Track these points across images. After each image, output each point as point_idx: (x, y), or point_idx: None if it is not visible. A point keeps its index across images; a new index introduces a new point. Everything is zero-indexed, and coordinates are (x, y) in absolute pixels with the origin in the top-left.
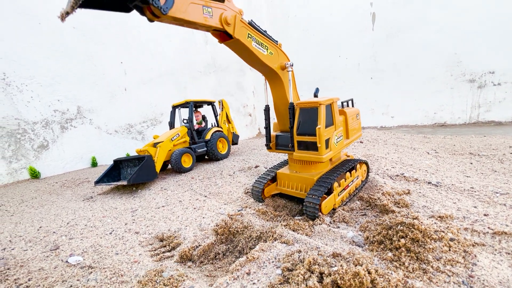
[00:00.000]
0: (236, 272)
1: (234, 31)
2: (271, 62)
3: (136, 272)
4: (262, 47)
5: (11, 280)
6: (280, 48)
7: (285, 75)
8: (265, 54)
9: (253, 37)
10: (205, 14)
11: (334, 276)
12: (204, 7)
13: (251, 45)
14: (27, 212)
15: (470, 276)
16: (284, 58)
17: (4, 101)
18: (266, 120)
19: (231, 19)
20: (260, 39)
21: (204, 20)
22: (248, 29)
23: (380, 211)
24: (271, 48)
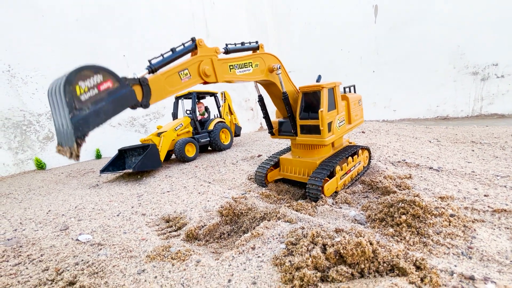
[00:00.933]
0: (242, 247)
1: (216, 78)
2: (260, 74)
3: (144, 248)
4: (247, 67)
5: (24, 256)
6: (263, 51)
7: (275, 77)
8: (251, 71)
9: (234, 65)
10: (183, 79)
11: (337, 246)
12: (180, 72)
13: (236, 75)
14: (35, 199)
15: (469, 248)
16: (270, 59)
17: (10, 92)
18: (262, 110)
19: (209, 70)
20: (241, 61)
21: (186, 84)
22: (227, 61)
23: (382, 193)
24: (255, 60)
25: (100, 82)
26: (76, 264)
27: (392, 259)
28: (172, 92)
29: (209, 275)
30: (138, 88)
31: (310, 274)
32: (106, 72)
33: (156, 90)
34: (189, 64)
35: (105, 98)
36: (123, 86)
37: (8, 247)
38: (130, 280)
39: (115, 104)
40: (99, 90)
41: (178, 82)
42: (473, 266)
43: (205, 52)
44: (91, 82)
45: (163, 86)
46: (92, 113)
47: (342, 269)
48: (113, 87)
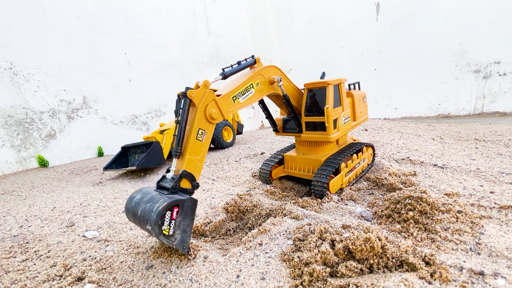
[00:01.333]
0: (249, 243)
1: (223, 115)
2: (262, 91)
3: (151, 244)
4: (249, 90)
5: (31, 252)
6: (261, 65)
7: (277, 89)
8: (254, 92)
9: (237, 94)
10: (198, 137)
11: (346, 242)
12: (198, 136)
13: (240, 103)
14: (39, 196)
15: (477, 244)
16: (269, 71)
17: (12, 90)
18: (264, 111)
19: (215, 113)
20: (243, 87)
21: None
22: (229, 95)
23: (387, 190)
24: (255, 80)
25: (171, 215)
26: (83, 260)
27: (401, 255)
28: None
29: (217, 270)
30: (186, 182)
31: (320, 270)
32: (170, 205)
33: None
34: (195, 126)
35: (181, 219)
36: (185, 202)
37: (15, 243)
38: (139, 275)
39: (188, 216)
40: (175, 219)
41: (199, 147)
42: (482, 262)
43: (208, 97)
44: (167, 220)
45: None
46: (182, 233)
47: (351, 264)
48: (181, 208)
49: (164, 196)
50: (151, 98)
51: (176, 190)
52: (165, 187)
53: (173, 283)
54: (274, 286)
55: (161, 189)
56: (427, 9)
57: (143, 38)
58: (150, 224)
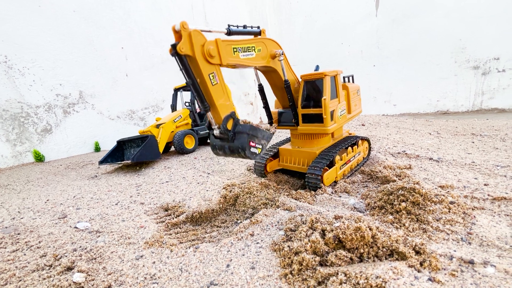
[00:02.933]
0: (240, 233)
1: (220, 59)
2: (262, 59)
3: (143, 235)
4: (250, 51)
5: (22, 243)
6: (265, 36)
7: (277, 64)
8: (254, 56)
9: (238, 48)
10: (213, 82)
11: (336, 231)
12: (212, 81)
13: (239, 58)
14: (34, 190)
15: (468, 233)
16: (272, 45)
17: (7, 84)
18: (263, 100)
19: (213, 50)
20: (245, 44)
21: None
22: (231, 43)
23: (382, 182)
24: (258, 45)
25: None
26: (74, 250)
27: (392, 244)
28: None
29: (207, 260)
30: (230, 122)
31: (309, 258)
32: (249, 145)
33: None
34: (205, 69)
35: (256, 140)
36: (248, 133)
37: (5, 235)
38: (128, 265)
39: (257, 132)
40: (255, 145)
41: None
42: (473, 251)
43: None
44: (255, 149)
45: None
46: (264, 142)
47: (341, 253)
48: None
49: (236, 144)
50: (148, 93)
51: (235, 135)
52: (225, 138)
53: (163, 272)
54: (264, 275)
55: (223, 140)
56: (427, 5)
57: (141, 33)
58: (252, 159)
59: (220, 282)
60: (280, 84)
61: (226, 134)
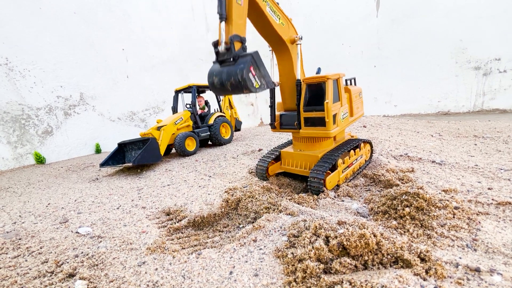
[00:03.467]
0: (243, 239)
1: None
2: (283, 32)
3: (145, 240)
4: (275, 15)
5: (23, 248)
6: (291, 22)
7: (294, 49)
8: (278, 23)
9: (267, 2)
10: (238, 1)
11: (340, 238)
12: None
13: (265, 9)
14: (35, 193)
15: (474, 240)
16: (294, 32)
17: (8, 86)
18: (271, 99)
19: None
20: (274, 6)
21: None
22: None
23: (385, 186)
24: (283, 19)
25: (252, 74)
26: (75, 256)
27: (396, 251)
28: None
29: (210, 267)
30: (238, 44)
31: (313, 266)
32: (248, 70)
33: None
34: None
35: (258, 70)
36: (252, 58)
37: (7, 240)
38: (131, 272)
39: (261, 64)
40: (255, 74)
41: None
42: (478, 258)
43: None
44: (252, 79)
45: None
46: (265, 77)
47: (345, 261)
48: (253, 64)
49: (236, 66)
50: (149, 95)
51: (238, 57)
52: (227, 59)
53: (165, 279)
54: (267, 282)
55: (223, 63)
56: (427, 5)
57: (141, 34)
58: (246, 88)
59: None
60: (290, 76)
61: (229, 54)
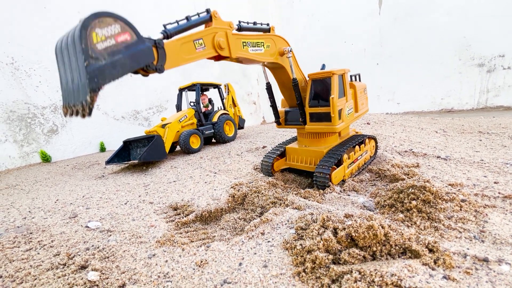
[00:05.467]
0: (251, 232)
1: (230, 52)
2: (270, 55)
3: (154, 234)
4: (259, 46)
5: (35, 242)
6: (274, 33)
7: (285, 61)
8: (263, 51)
9: (248, 42)
10: (198, 48)
11: (349, 230)
12: (195, 41)
13: (248, 53)
14: (42, 190)
15: (481, 231)
16: (281, 42)
17: (14, 85)
18: (270, 98)
19: (224, 43)
20: (254, 40)
21: (200, 54)
22: (241, 37)
23: (390, 180)
24: (267, 41)
25: (118, 33)
26: (86, 249)
27: (404, 242)
28: (187, 60)
29: (219, 259)
30: (153, 50)
31: (322, 257)
32: (125, 23)
33: (172, 55)
34: (204, 34)
35: (122, 51)
36: (141, 42)
37: (18, 234)
38: (141, 264)
39: (132, 59)
40: (116, 41)
41: (192, 51)
42: (486, 249)
43: (219, 24)
44: (108, 31)
45: (178, 52)
46: (109, 64)
47: (354, 251)
48: (131, 40)
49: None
50: (153, 94)
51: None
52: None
53: (176, 271)
54: (277, 273)
55: None
56: (430, 2)
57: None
58: (82, 21)
59: (233, 280)
60: (288, 82)
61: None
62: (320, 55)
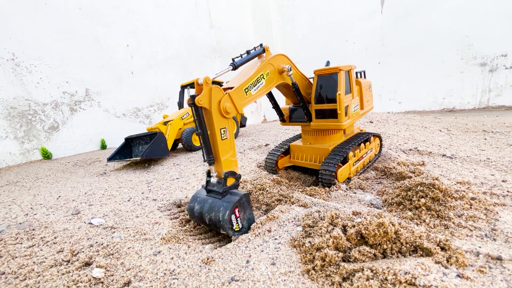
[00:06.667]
0: (257, 229)
1: (237, 109)
2: (272, 81)
3: (158, 231)
4: (260, 81)
5: (37, 238)
6: (270, 53)
7: (286, 78)
8: (265, 83)
9: (249, 85)
10: (223, 137)
11: (358, 227)
12: (222, 136)
13: (252, 95)
14: (44, 187)
15: (493, 230)
16: (279, 60)
17: (14, 81)
18: (271, 101)
19: (230, 107)
20: (254, 79)
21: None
22: (242, 87)
23: (396, 178)
24: (265, 69)
25: (235, 216)
26: (90, 246)
27: (415, 240)
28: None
29: (226, 256)
30: (231, 180)
31: (332, 254)
32: (232, 211)
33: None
34: (218, 124)
35: (243, 212)
36: (241, 200)
37: (21, 230)
38: (147, 261)
39: (247, 208)
40: (238, 216)
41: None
42: (499, 247)
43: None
44: (234, 221)
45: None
46: (248, 221)
47: (364, 249)
48: (239, 206)
49: (221, 201)
50: (154, 91)
51: (227, 192)
52: (216, 191)
53: (182, 268)
54: (285, 271)
55: (211, 192)
56: (432, 1)
57: (145, 31)
58: (224, 229)
59: (241, 278)
60: (289, 89)
61: (220, 187)
62: (321, 54)
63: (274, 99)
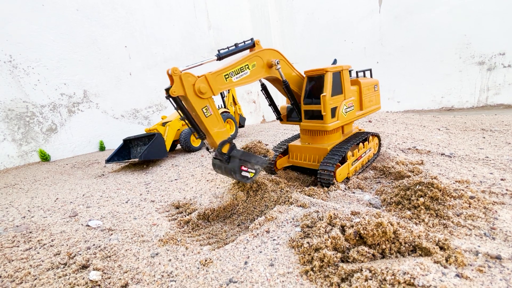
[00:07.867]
0: (256, 230)
1: (213, 92)
2: (258, 73)
3: (156, 233)
4: (243, 71)
5: (34, 241)
6: (260, 47)
7: (275, 72)
8: (249, 73)
9: (230, 72)
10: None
11: (357, 227)
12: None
13: (233, 82)
14: (41, 189)
15: (492, 229)
16: (269, 54)
17: (12, 83)
18: (267, 98)
19: (204, 87)
20: (237, 67)
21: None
22: (222, 72)
23: (395, 178)
24: (251, 61)
25: (246, 170)
26: (88, 248)
27: (414, 240)
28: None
29: (224, 257)
30: (226, 147)
31: (330, 255)
32: (240, 169)
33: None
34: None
35: (249, 164)
36: (240, 158)
37: (17, 233)
38: (144, 263)
39: (249, 158)
40: (247, 169)
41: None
42: (498, 247)
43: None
44: (247, 173)
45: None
46: (258, 165)
47: (363, 249)
48: (243, 162)
49: (230, 166)
50: (152, 92)
51: (229, 158)
52: (221, 159)
53: (180, 270)
54: (284, 272)
55: (220, 161)
56: (431, 1)
57: (143, 31)
58: (244, 182)
59: (239, 280)
60: (281, 83)
61: (221, 157)
62: (320, 54)
63: (270, 96)
